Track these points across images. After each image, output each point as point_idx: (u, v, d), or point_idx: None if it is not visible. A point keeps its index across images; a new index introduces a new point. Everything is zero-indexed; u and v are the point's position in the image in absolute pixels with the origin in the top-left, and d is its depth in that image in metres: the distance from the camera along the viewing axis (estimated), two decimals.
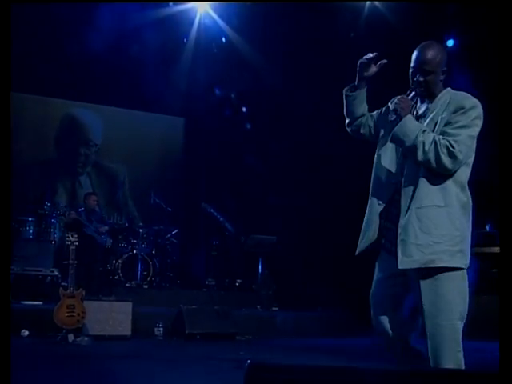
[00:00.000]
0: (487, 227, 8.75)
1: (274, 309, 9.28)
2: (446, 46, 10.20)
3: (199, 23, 10.58)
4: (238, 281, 10.35)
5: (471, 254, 3.07)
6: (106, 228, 9.45)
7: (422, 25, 8.97)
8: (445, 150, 3.02)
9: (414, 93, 3.16)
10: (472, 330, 7.23)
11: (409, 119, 3.10)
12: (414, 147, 3.04)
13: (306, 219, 10.58)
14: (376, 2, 9.55)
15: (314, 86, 9.64)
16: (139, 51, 10.38)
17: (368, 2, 9.60)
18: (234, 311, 7.99)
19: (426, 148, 3.02)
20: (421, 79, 3.12)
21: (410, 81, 3.18)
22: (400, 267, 3.02)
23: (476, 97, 3.08)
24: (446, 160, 3.02)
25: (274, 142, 11.00)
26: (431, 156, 3.03)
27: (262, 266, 10.00)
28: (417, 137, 3.04)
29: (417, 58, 3.14)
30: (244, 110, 11.88)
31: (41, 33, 9.70)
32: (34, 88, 11.09)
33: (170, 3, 9.89)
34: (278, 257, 10.13)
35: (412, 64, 3.15)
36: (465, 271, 3.03)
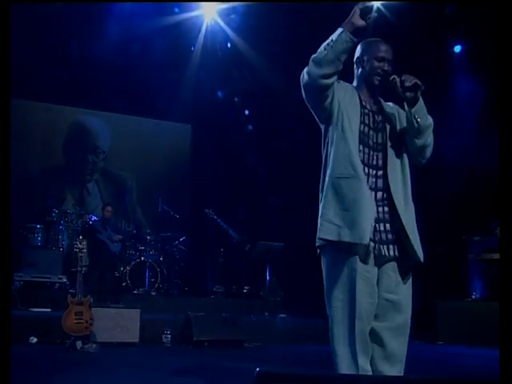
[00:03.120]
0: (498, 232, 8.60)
1: (281, 315, 9.24)
2: (453, 52, 10.22)
3: (206, 31, 10.60)
4: (246, 288, 10.32)
5: (480, 260, 3.12)
6: (120, 237, 9.51)
7: (429, 31, 8.97)
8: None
9: None
10: (483, 336, 7.14)
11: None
12: (430, 127, 3.06)
13: (315, 225, 10.55)
14: (382, 8, 9.54)
15: None
16: (147, 59, 10.42)
17: (374, 8, 9.60)
18: (241, 318, 7.97)
19: (430, 130, 3.09)
20: (387, 68, 3.10)
21: (372, 71, 3.10)
22: (421, 260, 3.00)
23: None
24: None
25: (283, 148, 11.00)
26: (432, 143, 3.11)
27: (269, 272, 9.98)
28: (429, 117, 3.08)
29: (388, 48, 3.12)
30: (252, 116, 11.88)
31: (49, 41, 9.76)
32: (43, 95, 11.17)
33: (176, 9, 9.89)
34: (286, 263, 10.11)
35: (384, 54, 3.09)
36: None
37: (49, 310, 7.90)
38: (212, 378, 5.13)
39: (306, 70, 2.97)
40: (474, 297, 8.79)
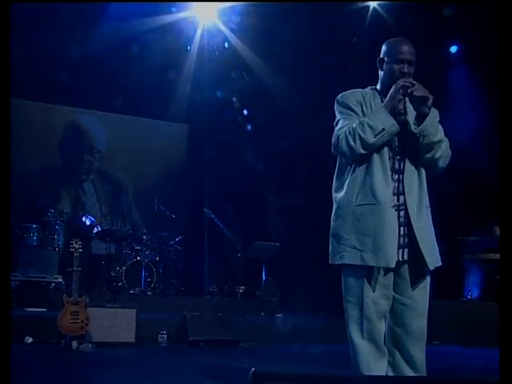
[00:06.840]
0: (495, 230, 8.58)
1: (277, 315, 9.24)
2: (450, 52, 10.24)
3: (202, 30, 10.59)
4: (242, 287, 10.32)
5: (478, 260, 3.15)
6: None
7: (425, 32, 8.97)
8: (449, 152, 3.10)
9: None
10: (478, 336, 7.14)
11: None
12: (439, 143, 3.03)
13: (311, 225, 10.55)
14: (379, 9, 9.55)
15: (317, 90, 9.66)
16: (143, 58, 10.40)
17: (371, 8, 9.62)
18: (237, 318, 7.96)
19: (443, 146, 3.06)
20: (406, 70, 3.07)
21: (391, 73, 3.09)
22: (432, 267, 3.04)
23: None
24: (448, 161, 3.10)
25: (280, 149, 10.99)
26: (446, 154, 3.09)
27: (265, 272, 9.98)
28: (441, 132, 3.05)
29: (408, 49, 3.08)
30: (249, 115, 11.87)
31: (45, 39, 9.73)
32: (38, 95, 11.13)
33: (173, 8, 9.88)
34: (282, 263, 10.10)
35: (403, 56, 3.07)
36: None
37: (44, 309, 7.86)
38: (208, 377, 5.12)
39: (347, 138, 2.97)
40: (469, 297, 8.80)
